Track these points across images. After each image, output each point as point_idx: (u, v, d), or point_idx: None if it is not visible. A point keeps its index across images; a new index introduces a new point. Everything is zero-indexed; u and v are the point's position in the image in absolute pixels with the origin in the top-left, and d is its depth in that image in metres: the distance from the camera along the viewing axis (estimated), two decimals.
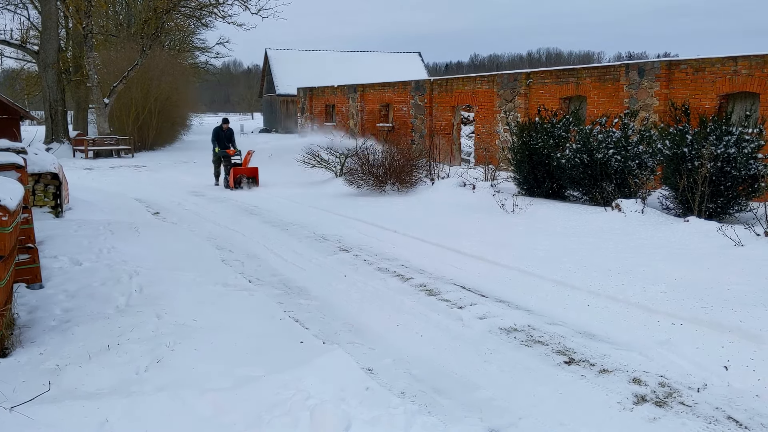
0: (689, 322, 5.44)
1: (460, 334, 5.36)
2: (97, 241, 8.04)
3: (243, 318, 5.51)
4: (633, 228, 8.95)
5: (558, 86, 15.88)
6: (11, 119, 16.63)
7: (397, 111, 22.26)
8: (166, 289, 6.06)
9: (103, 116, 27.86)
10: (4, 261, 4.43)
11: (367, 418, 3.72)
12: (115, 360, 4.35)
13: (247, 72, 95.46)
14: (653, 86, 13.26)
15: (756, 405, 4.04)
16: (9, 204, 4.57)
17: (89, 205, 12.06)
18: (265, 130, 49.14)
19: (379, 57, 50.36)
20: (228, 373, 4.24)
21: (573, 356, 4.85)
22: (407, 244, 8.95)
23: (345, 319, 5.80)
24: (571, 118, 11.80)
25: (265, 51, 49.31)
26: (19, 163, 6.43)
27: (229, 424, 3.63)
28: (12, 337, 4.57)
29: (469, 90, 18.93)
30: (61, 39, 32.43)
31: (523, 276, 7.13)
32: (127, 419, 3.55)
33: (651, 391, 4.25)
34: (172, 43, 41.06)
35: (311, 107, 28.11)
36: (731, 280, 6.44)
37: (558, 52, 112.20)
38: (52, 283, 6.07)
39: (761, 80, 11.49)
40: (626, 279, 6.65)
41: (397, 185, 13.90)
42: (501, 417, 3.93)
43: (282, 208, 12.70)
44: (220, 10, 32.03)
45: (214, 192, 15.87)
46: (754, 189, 9.09)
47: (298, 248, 8.88)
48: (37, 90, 35.68)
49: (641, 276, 6.74)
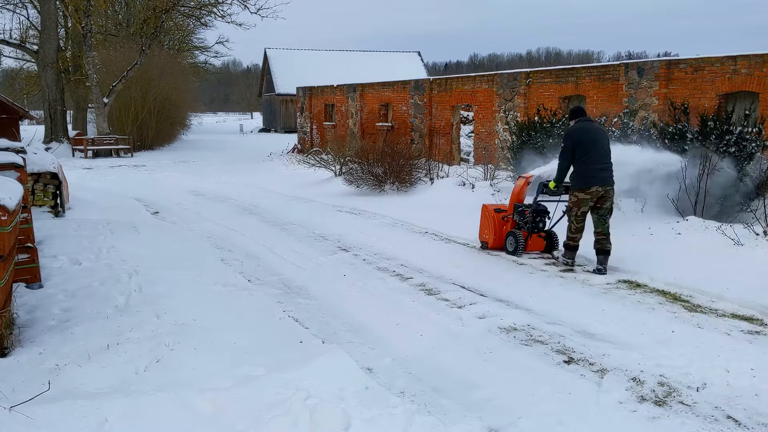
0: (689, 322, 5.44)
1: (460, 334, 5.36)
2: (97, 241, 8.03)
3: (242, 317, 5.51)
4: (632, 227, 8.95)
5: (557, 86, 15.88)
6: (10, 119, 16.63)
7: (396, 110, 22.26)
8: (165, 289, 6.05)
9: (103, 116, 27.84)
10: (4, 261, 4.43)
11: (367, 417, 3.72)
12: (115, 359, 4.35)
13: (246, 71, 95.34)
14: (652, 86, 13.26)
15: (755, 404, 4.04)
16: (8, 203, 4.57)
17: (89, 204, 12.06)
18: (264, 130, 49.15)
19: (378, 56, 50.35)
20: (227, 373, 4.23)
21: (572, 355, 4.85)
22: (407, 243, 8.95)
23: (344, 319, 5.80)
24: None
25: (265, 50, 49.31)
26: (19, 163, 6.42)
27: (229, 424, 3.63)
28: (11, 336, 4.57)
29: (469, 89, 18.93)
30: (61, 38, 32.40)
31: (522, 275, 7.12)
32: (127, 419, 3.54)
33: (650, 390, 4.25)
34: (171, 42, 41.03)
35: (310, 107, 28.10)
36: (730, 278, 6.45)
37: (557, 52, 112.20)
38: (52, 283, 6.07)
39: (760, 79, 11.49)
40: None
41: (396, 185, 13.91)
42: (500, 416, 3.93)
43: (281, 208, 12.70)
44: (220, 10, 32.03)
45: (213, 191, 15.86)
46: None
47: (297, 247, 8.88)
48: (36, 89, 35.64)
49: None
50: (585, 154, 7.17)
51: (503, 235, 8.31)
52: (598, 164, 7.16)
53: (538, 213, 8.12)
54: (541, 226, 8.17)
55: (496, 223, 8.36)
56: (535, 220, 8.09)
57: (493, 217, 8.39)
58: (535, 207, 8.13)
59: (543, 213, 8.18)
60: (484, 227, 8.57)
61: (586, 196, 7.17)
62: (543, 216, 8.18)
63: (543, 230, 8.21)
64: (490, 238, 8.42)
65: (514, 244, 8.07)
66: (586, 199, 7.19)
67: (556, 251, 8.14)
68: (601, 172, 7.17)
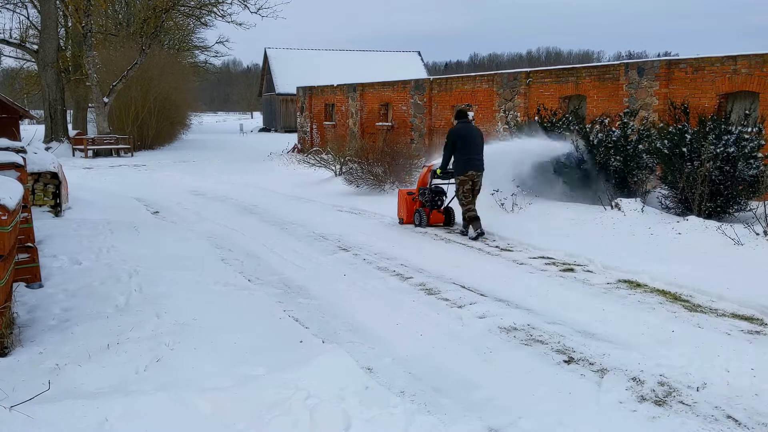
0: (689, 322, 5.44)
1: (460, 333, 5.36)
2: (97, 241, 8.03)
3: (243, 317, 5.51)
4: (632, 227, 8.96)
5: (557, 85, 15.88)
6: (10, 118, 16.64)
7: (396, 110, 22.26)
8: (165, 289, 6.05)
9: (103, 115, 27.84)
10: (4, 260, 4.43)
11: (367, 417, 3.72)
12: (115, 359, 4.35)
13: (246, 71, 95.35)
14: (653, 85, 13.26)
15: (755, 404, 4.04)
16: (8, 203, 4.57)
17: (89, 204, 12.06)
18: (264, 129, 49.16)
19: (378, 56, 50.33)
20: (228, 373, 4.23)
21: (573, 355, 4.85)
22: (407, 243, 8.95)
23: (344, 318, 5.80)
24: (570, 117, 11.80)
25: (265, 50, 49.31)
26: (19, 162, 6.42)
27: (229, 424, 3.63)
28: (12, 336, 4.56)
29: (469, 89, 18.93)
30: (61, 38, 32.39)
31: (522, 275, 7.13)
32: (127, 418, 3.54)
33: (650, 390, 4.25)
34: (171, 42, 41.03)
35: (311, 106, 28.10)
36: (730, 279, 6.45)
37: (557, 52, 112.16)
38: (52, 283, 6.07)
39: (760, 79, 11.49)
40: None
41: (396, 184, 13.90)
42: (500, 416, 3.93)
43: (281, 207, 12.71)
44: (220, 9, 32.06)
45: (213, 191, 15.87)
46: (754, 188, 9.09)
47: (297, 247, 8.88)
48: (36, 89, 35.64)
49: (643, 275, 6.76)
50: (463, 148, 9.29)
51: (413, 212, 10.27)
52: (472, 155, 9.31)
53: (436, 193, 10.24)
54: (439, 203, 10.24)
55: (408, 203, 10.33)
56: (434, 199, 10.19)
57: (405, 199, 10.36)
58: (433, 189, 10.22)
59: (440, 193, 10.28)
60: (400, 207, 10.51)
61: (466, 178, 9.32)
62: (441, 196, 10.28)
63: (441, 207, 10.23)
64: (404, 214, 10.38)
65: (419, 218, 10.14)
66: (465, 180, 9.32)
67: (455, 224, 10.15)
68: (474, 161, 9.32)
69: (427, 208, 10.12)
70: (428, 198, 10.14)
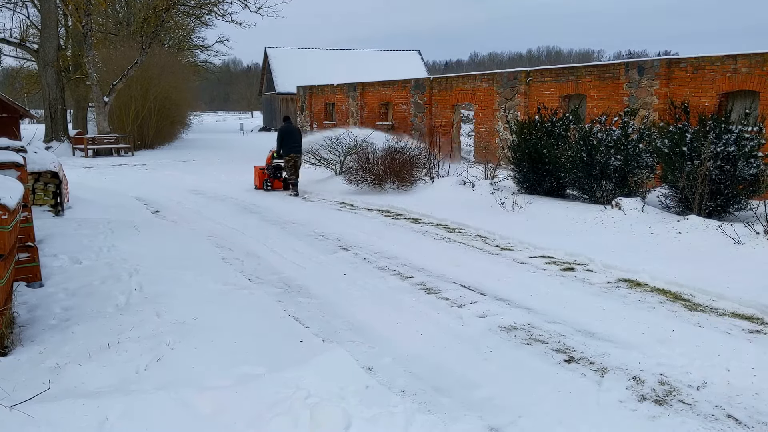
0: (690, 321, 5.44)
1: (460, 333, 5.36)
2: (97, 240, 8.04)
3: (243, 316, 5.51)
4: (633, 226, 8.96)
5: (558, 84, 15.87)
6: (11, 118, 16.64)
7: (396, 109, 22.26)
8: (165, 288, 6.05)
9: (103, 115, 27.83)
10: (4, 260, 4.43)
11: (367, 416, 3.72)
12: (115, 358, 4.35)
13: (246, 70, 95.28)
14: (653, 84, 13.25)
15: (755, 403, 4.04)
16: (9, 202, 4.57)
17: (89, 203, 12.05)
18: (265, 129, 49.15)
19: (378, 55, 50.30)
20: (228, 372, 4.23)
21: (573, 354, 4.85)
22: (407, 242, 8.95)
23: (345, 318, 5.80)
24: (570, 116, 11.80)
25: (265, 49, 49.29)
26: (19, 162, 6.42)
27: (229, 423, 3.63)
28: (12, 335, 4.57)
29: (469, 88, 18.92)
30: (61, 37, 32.36)
31: (522, 274, 7.12)
32: (127, 418, 3.55)
33: (651, 389, 4.25)
34: (171, 41, 41.00)
35: (311, 106, 28.10)
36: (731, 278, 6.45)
37: (558, 51, 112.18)
38: (52, 282, 6.07)
39: (761, 78, 11.49)
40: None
41: (396, 183, 13.90)
42: (501, 415, 3.93)
43: (281, 207, 12.71)
44: (220, 9, 31.98)
45: (213, 190, 15.86)
46: (754, 187, 9.09)
47: (297, 246, 8.88)
48: (36, 88, 35.62)
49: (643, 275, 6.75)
50: (286, 140, 14.61)
51: (263, 181, 15.48)
52: (291, 144, 14.59)
53: (277, 168, 15.48)
54: (279, 175, 15.49)
55: (260, 175, 15.68)
56: (275, 172, 15.48)
57: (258, 172, 15.74)
58: (275, 165, 15.45)
59: (280, 168, 15.47)
60: (255, 177, 15.93)
61: (289, 158, 14.58)
62: (280, 170, 15.49)
63: (280, 177, 15.43)
64: (258, 182, 15.69)
65: (267, 185, 15.36)
66: (289, 160, 14.57)
67: (289, 190, 14.74)
68: (292, 148, 14.60)
69: (272, 179, 15.41)
70: (271, 172, 15.43)
